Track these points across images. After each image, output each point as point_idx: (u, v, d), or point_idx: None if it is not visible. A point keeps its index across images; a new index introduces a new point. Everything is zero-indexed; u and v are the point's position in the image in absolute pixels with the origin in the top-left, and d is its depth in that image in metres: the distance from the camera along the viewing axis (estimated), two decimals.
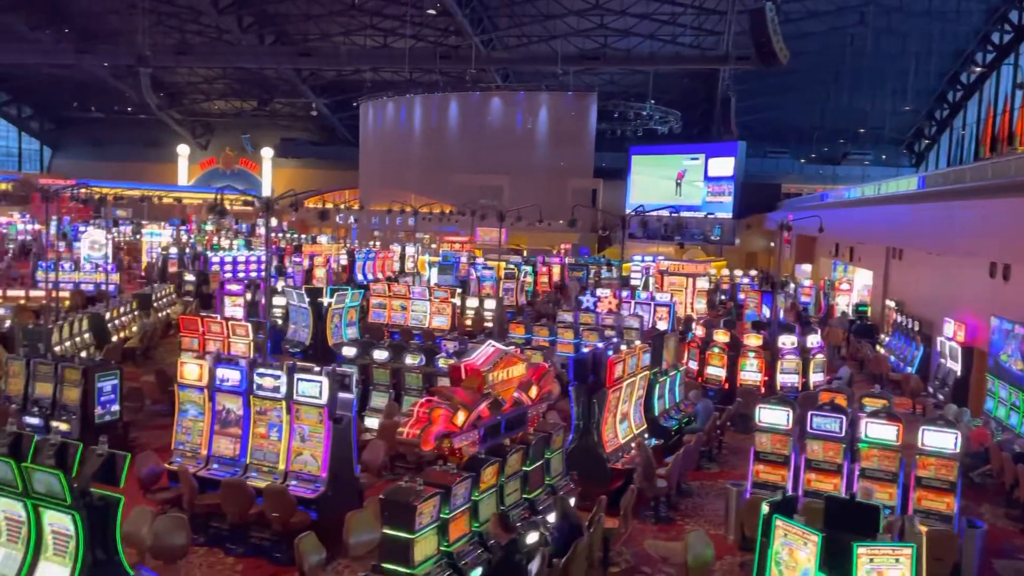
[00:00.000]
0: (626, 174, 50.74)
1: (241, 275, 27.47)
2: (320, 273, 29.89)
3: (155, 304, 22.50)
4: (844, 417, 9.83)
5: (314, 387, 9.79)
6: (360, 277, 31.55)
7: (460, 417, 8.04)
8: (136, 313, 20.90)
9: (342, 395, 10.10)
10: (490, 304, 24.13)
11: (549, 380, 9.59)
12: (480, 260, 33.33)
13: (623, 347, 11.67)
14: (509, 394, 8.84)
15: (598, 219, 49.28)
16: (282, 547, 9.38)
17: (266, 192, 65.30)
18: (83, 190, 39.46)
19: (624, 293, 22.15)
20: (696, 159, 48.39)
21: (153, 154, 64.91)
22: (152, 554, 8.24)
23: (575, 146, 48.87)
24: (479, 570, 7.77)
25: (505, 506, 8.65)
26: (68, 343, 16.45)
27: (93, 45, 46.20)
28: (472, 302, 24.14)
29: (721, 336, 16.56)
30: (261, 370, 10.18)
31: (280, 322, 19.76)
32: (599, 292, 22.13)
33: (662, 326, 20.32)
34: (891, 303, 24.16)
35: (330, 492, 9.66)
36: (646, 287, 28.15)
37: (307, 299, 18.56)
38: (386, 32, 47.41)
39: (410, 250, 37.67)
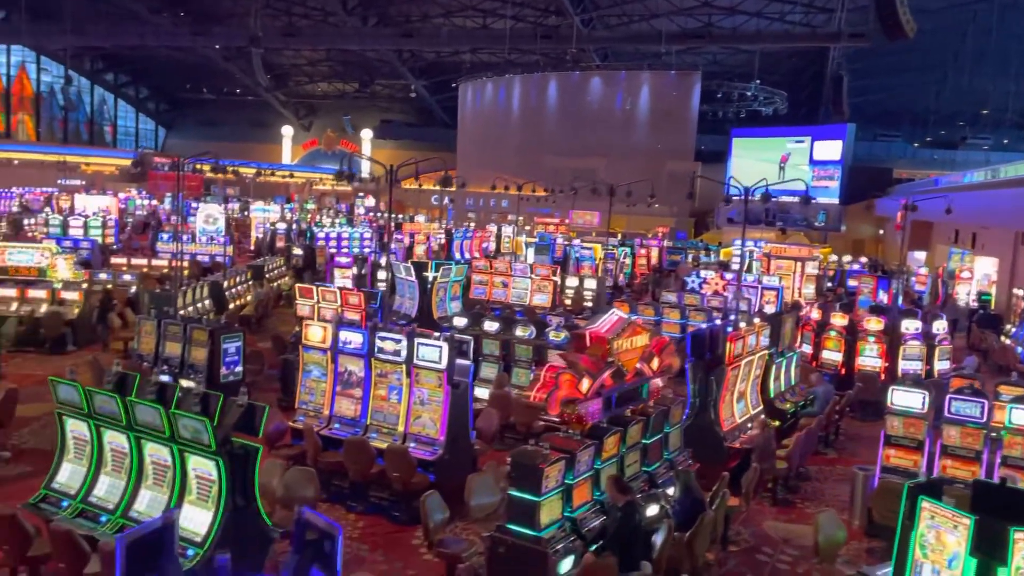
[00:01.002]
0: (726, 157, 49.43)
1: (344, 250, 28.22)
2: (420, 250, 30.40)
3: (267, 275, 23.31)
4: (986, 402, 9.28)
5: (434, 352, 9.90)
6: (457, 256, 31.88)
7: (584, 384, 7.97)
8: (250, 283, 21.67)
9: (460, 361, 10.20)
10: (590, 284, 24.02)
11: (670, 353, 9.40)
12: (576, 241, 33.13)
13: (742, 325, 11.34)
14: (632, 364, 8.70)
15: (693, 202, 48.22)
16: (401, 507, 9.57)
17: (364, 173, 66.82)
18: (204, 167, 41.19)
19: (729, 276, 21.62)
20: (802, 142, 46.70)
21: (259, 134, 67.21)
22: (282, 504, 8.52)
23: (675, 127, 47.83)
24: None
25: (625, 477, 8.55)
26: (191, 308, 17.18)
27: (207, 27, 48.07)
28: (572, 281, 24.07)
29: (839, 320, 15.92)
30: (382, 334, 10.37)
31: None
32: (703, 274, 21.65)
33: (769, 310, 19.74)
34: (1019, 291, 22.74)
35: (447, 456, 9.77)
36: (749, 271, 27.39)
37: (413, 272, 18.81)
38: (486, 13, 47.52)
39: (507, 230, 37.81)
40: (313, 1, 48.87)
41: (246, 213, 44.51)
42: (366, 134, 66.91)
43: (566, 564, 7.32)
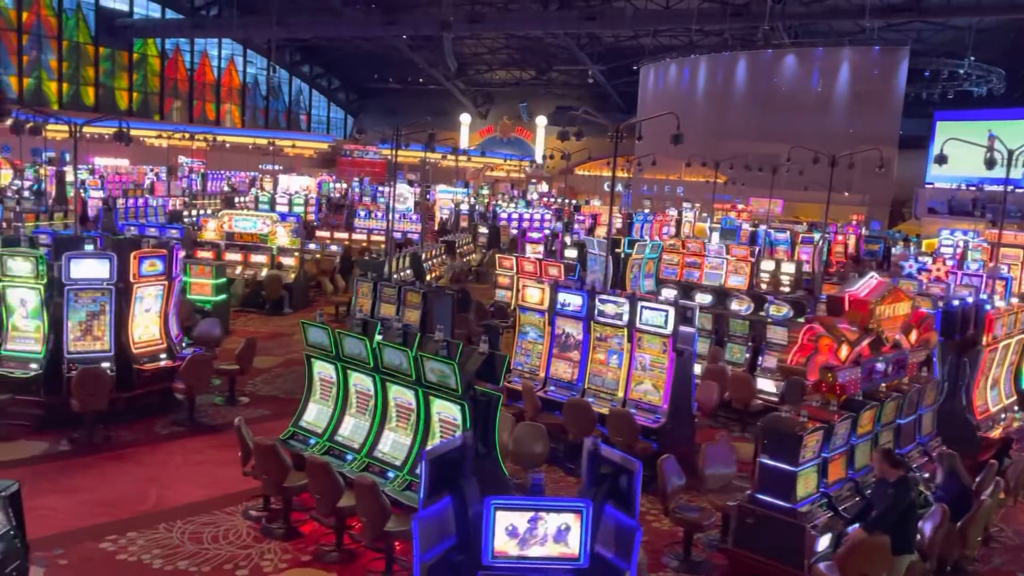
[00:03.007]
0: (927, 143, 45.44)
1: (536, 226, 28.73)
2: (601, 232, 30.11)
3: (458, 250, 23.94)
4: None
5: (659, 316, 9.55)
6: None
7: (844, 351, 7.35)
8: (444, 257, 22.30)
9: (684, 328, 9.80)
10: (787, 267, 22.80)
11: (929, 327, 8.52)
12: (762, 227, 31.64)
13: (1000, 303, 10.16)
14: (891, 334, 7.95)
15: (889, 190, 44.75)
16: None
17: (539, 159, 67.49)
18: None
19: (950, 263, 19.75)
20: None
21: (439, 122, 69.28)
22: (512, 459, 8.50)
23: (875, 109, 44.39)
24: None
25: None
26: (395, 276, 17.81)
27: (396, 16, 50.03)
28: (767, 265, 22.93)
29: None
30: (604, 296, 10.16)
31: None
32: (922, 259, 19.91)
33: (998, 301, 17.80)
34: None
35: (670, 424, 9.42)
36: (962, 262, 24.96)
37: (607, 248, 18.55)
38: None
39: (687, 215, 36.84)
40: None
41: (427, 196, 46.06)
42: (541, 120, 67.40)
43: (823, 541, 6.78)
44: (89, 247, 10.53)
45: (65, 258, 9.98)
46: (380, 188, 46.01)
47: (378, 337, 8.20)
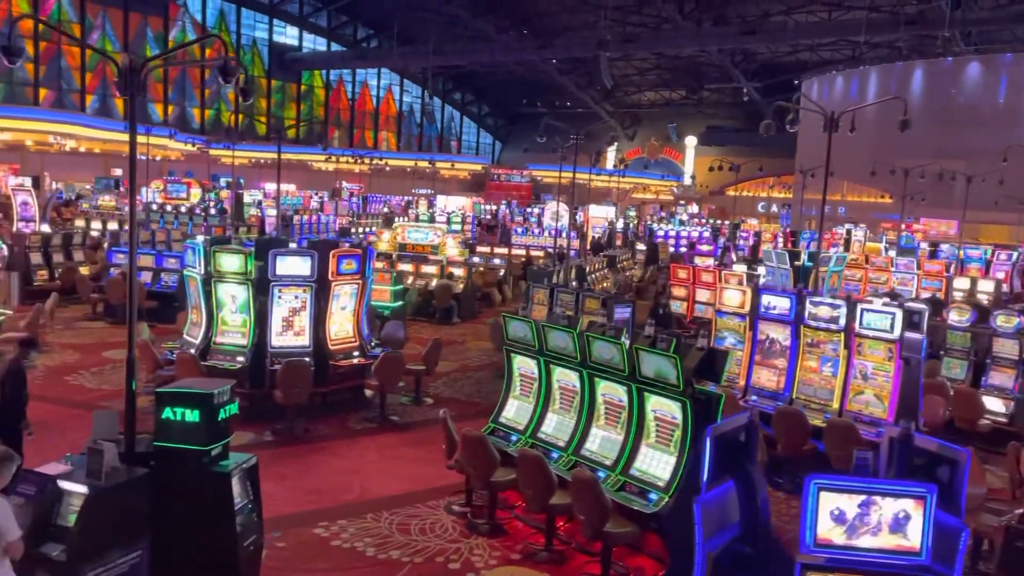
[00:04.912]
0: None
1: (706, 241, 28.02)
2: (766, 248, 28.86)
3: (618, 265, 23.55)
4: None
5: (883, 320, 8.71)
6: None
7: None
8: (606, 271, 21.94)
9: (910, 334, 8.88)
10: (983, 285, 20.85)
11: None
12: (944, 245, 29.31)
13: None
14: None
15: None
16: None
17: (687, 180, 66.13)
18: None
19: None
20: None
21: (587, 145, 69.33)
22: None
23: None
24: None
25: None
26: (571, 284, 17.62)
27: (549, 41, 50.58)
28: (960, 282, 21.06)
29: None
30: (815, 299, 9.41)
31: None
32: None
33: None
34: None
35: None
36: None
37: (787, 260, 17.60)
38: (832, 6, 44.24)
39: (856, 233, 34.80)
40: (649, 8, 49.20)
41: (578, 214, 46.06)
42: (690, 141, 66.07)
43: None
44: (292, 245, 10.89)
45: (271, 255, 10.34)
46: (528, 209, 46.61)
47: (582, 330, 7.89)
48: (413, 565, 6.83)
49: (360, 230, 31.25)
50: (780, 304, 9.60)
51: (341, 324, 11.04)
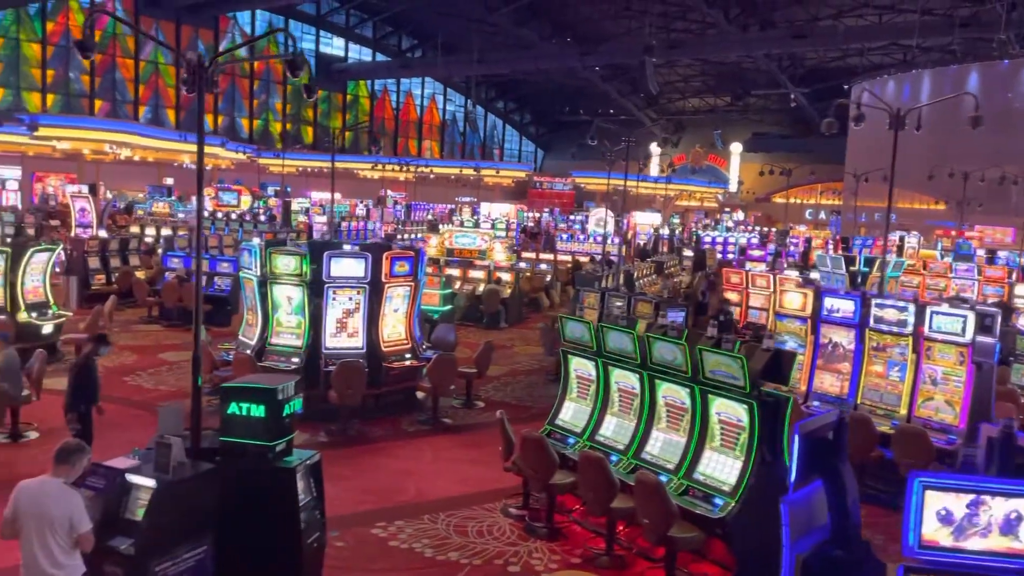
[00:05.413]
0: None
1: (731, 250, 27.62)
2: (819, 253, 28.38)
3: (666, 271, 23.31)
4: None
5: (954, 323, 8.41)
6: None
7: None
8: (653, 276, 21.71)
9: (982, 338, 8.56)
10: None
11: None
12: (1002, 252, 28.45)
13: None
14: None
15: None
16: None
17: (732, 187, 65.35)
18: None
19: None
20: None
21: (630, 152, 68.96)
22: None
23: None
24: None
25: None
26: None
27: (592, 48, 50.47)
28: (1022, 288, 20.40)
29: None
30: (881, 301, 9.13)
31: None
32: None
33: None
34: None
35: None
36: None
37: (843, 265, 17.24)
38: (882, 10, 43.37)
39: (910, 240, 33.96)
40: (694, 14, 48.80)
41: (623, 221, 45.85)
42: (735, 148, 65.30)
43: None
44: (347, 248, 10.93)
45: (326, 256, 10.39)
46: (571, 216, 46.55)
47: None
48: (472, 567, 6.74)
49: (405, 236, 31.44)
50: (844, 307, 9.33)
51: (394, 326, 11.04)
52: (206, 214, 29.45)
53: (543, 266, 22.05)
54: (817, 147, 58.03)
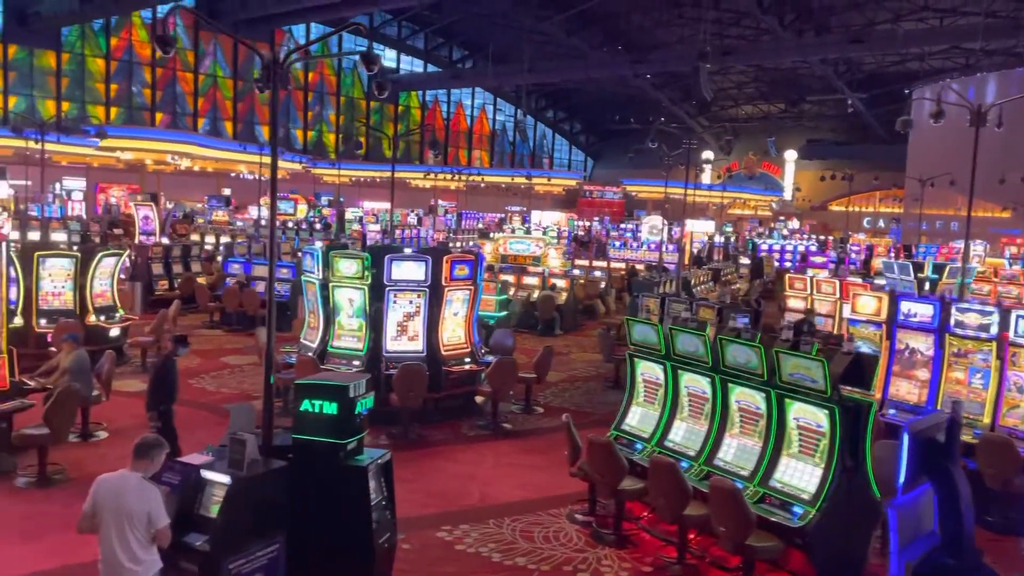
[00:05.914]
0: None
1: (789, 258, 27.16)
2: (877, 263, 27.66)
3: (722, 278, 22.95)
4: None
5: None
6: None
7: None
8: (710, 283, 21.39)
9: None
10: None
11: None
12: None
13: None
14: None
15: None
16: (995, 511, 7.79)
17: (787, 195, 64.23)
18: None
19: None
20: None
21: (681, 159, 68.34)
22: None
23: None
24: None
25: None
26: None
27: (644, 55, 50.15)
28: None
29: None
30: (962, 305, 8.75)
31: None
32: None
33: None
34: None
35: None
36: None
37: (911, 271, 16.71)
38: (943, 13, 42.22)
39: (976, 248, 32.89)
40: (748, 20, 48.19)
41: (674, 229, 45.42)
42: (790, 155, 64.20)
43: None
44: (407, 251, 10.92)
45: (387, 260, 10.39)
46: (622, 225, 46.27)
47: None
48: (540, 573, 6.60)
49: (457, 244, 31.53)
50: (922, 311, 8.97)
51: (453, 330, 10.99)
52: (263, 223, 29.95)
53: (596, 273, 21.85)
54: (874, 154, 56.74)
